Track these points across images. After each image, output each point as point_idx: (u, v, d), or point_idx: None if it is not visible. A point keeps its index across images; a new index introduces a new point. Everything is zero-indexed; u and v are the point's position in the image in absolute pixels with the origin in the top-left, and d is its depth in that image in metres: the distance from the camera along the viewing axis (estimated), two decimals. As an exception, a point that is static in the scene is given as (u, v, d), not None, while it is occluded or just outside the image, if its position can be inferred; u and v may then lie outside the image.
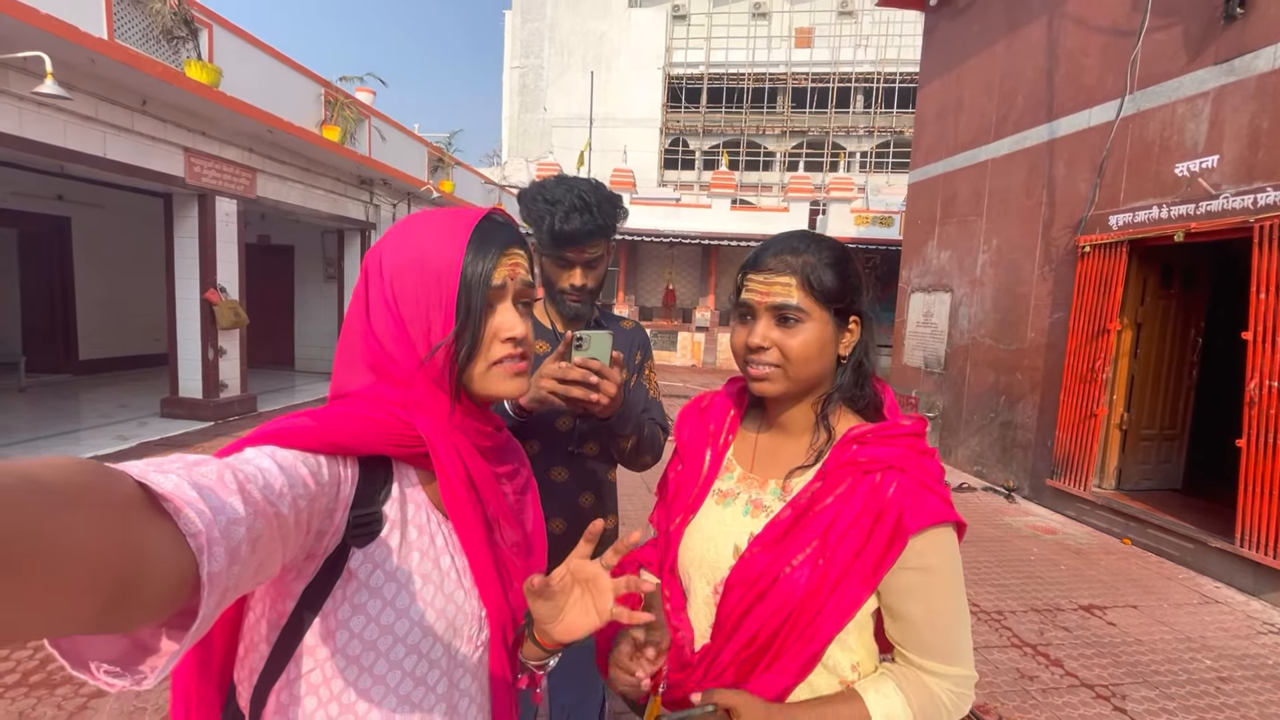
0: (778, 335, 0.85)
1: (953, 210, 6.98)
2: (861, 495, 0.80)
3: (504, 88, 23.11)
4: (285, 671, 0.64)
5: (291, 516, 0.52)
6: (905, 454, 0.82)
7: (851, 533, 0.79)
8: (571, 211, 1.26)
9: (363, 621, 0.64)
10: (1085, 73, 5.28)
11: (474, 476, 0.72)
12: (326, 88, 8.14)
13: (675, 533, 0.95)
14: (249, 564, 0.44)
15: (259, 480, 0.50)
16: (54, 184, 8.12)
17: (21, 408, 7.00)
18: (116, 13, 5.27)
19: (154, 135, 5.89)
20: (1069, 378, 5.22)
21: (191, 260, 6.61)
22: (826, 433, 0.87)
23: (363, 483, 0.65)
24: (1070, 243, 5.34)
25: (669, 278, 15.96)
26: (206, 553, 0.39)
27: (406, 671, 0.67)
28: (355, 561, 0.64)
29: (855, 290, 0.87)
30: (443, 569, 0.69)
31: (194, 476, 0.42)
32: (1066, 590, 3.84)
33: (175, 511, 0.38)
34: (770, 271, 0.85)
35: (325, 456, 0.61)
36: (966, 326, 6.68)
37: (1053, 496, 5.44)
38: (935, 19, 7.39)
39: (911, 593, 0.79)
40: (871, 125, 20.34)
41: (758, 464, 0.93)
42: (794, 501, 0.84)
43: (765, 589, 0.81)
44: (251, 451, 0.55)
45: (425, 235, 0.72)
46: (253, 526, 0.45)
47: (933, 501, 0.78)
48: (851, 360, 0.89)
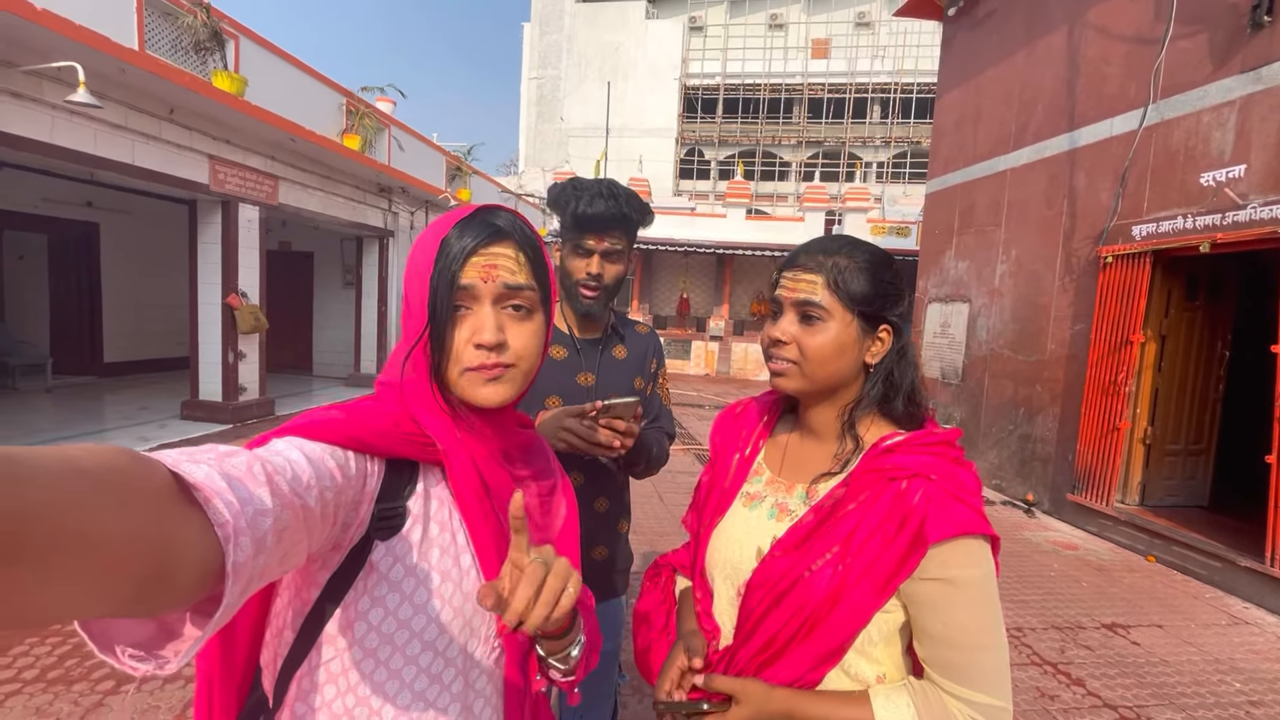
0: (798, 331, 0.85)
1: (971, 220, 6.91)
2: (886, 502, 0.78)
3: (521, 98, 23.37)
4: (308, 658, 0.64)
5: (318, 509, 0.53)
6: (935, 462, 0.79)
7: (874, 539, 0.78)
8: (596, 197, 1.30)
9: (381, 614, 0.64)
10: (1107, 82, 5.22)
11: (488, 481, 0.71)
12: (348, 97, 8.28)
13: (704, 535, 0.96)
14: (274, 554, 0.45)
15: (287, 472, 0.51)
16: (84, 190, 8.33)
17: (48, 408, 7.15)
18: (148, 24, 5.41)
19: (180, 143, 6.02)
20: (1091, 390, 5.13)
21: (214, 266, 6.73)
22: (853, 441, 0.85)
23: (388, 476, 0.66)
24: (1092, 253, 5.25)
25: (684, 287, 15.97)
26: (233, 542, 0.40)
27: (422, 668, 0.66)
28: (377, 554, 0.64)
29: (888, 298, 0.85)
30: (463, 567, 0.69)
31: (225, 467, 0.43)
32: (1088, 608, 3.75)
33: (205, 501, 0.39)
34: (800, 268, 0.86)
35: (353, 450, 0.62)
36: (985, 337, 6.59)
37: (1074, 511, 5.33)
38: (953, 29, 7.36)
39: (932, 605, 0.76)
40: (888, 135, 20.25)
41: (786, 468, 0.93)
42: (817, 506, 0.84)
43: (784, 591, 0.81)
44: (281, 444, 0.56)
45: (421, 240, 0.72)
46: (279, 518, 0.46)
47: (960, 511, 0.75)
48: (881, 370, 0.86)
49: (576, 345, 1.43)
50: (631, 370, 1.49)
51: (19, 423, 6.30)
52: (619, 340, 1.49)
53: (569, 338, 1.43)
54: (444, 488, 0.71)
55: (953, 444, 0.83)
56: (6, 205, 8.03)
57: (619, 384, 1.46)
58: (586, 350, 1.44)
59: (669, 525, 4.64)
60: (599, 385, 1.43)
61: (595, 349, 1.45)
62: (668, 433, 1.58)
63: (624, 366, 1.48)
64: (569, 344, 1.43)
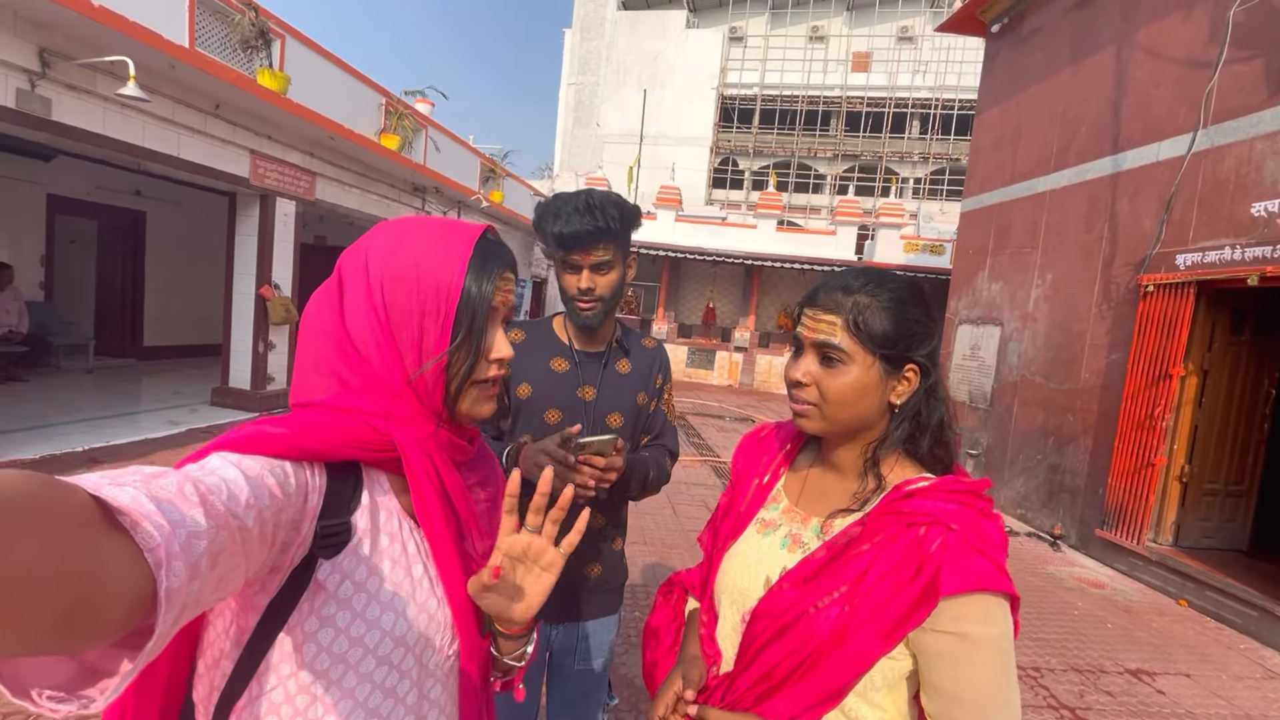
0: (818, 373, 0.83)
1: (1006, 241, 6.74)
2: (902, 547, 0.76)
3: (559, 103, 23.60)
4: (248, 689, 0.61)
5: (256, 529, 0.51)
6: (959, 511, 0.76)
7: (884, 583, 0.75)
8: (573, 214, 1.28)
9: (331, 634, 0.62)
10: (1155, 104, 5.05)
11: (447, 485, 0.70)
12: (387, 98, 8.45)
13: (716, 557, 0.96)
14: (209, 579, 0.43)
15: (222, 492, 0.48)
16: (133, 180, 8.66)
17: (88, 388, 7.42)
18: (199, 22, 5.60)
19: (224, 138, 6.21)
20: (1125, 423, 4.93)
21: (250, 257, 6.92)
22: (875, 480, 0.83)
23: (331, 492, 0.63)
24: (1132, 281, 5.07)
25: (710, 296, 15.90)
26: (165, 567, 0.38)
27: (376, 684, 0.65)
28: (323, 573, 0.62)
29: (914, 338, 0.82)
30: (415, 577, 0.68)
31: (152, 489, 0.41)
32: (1112, 651, 3.59)
33: (132, 525, 0.37)
34: (820, 307, 0.84)
35: (293, 465, 0.59)
36: (1016, 362, 6.41)
37: (1102, 548, 5.12)
38: (996, 46, 7.21)
39: (941, 659, 0.73)
40: (927, 151, 19.93)
41: (804, 499, 0.92)
42: (830, 543, 0.82)
43: (788, 624, 0.79)
44: (217, 460, 0.54)
45: (423, 244, 0.70)
46: (214, 540, 0.44)
47: (980, 565, 0.72)
48: (907, 411, 0.84)
49: (577, 358, 1.41)
50: (635, 385, 1.46)
51: (60, 401, 6.54)
52: (623, 354, 1.47)
53: (569, 350, 1.41)
54: (392, 498, 0.69)
55: (980, 494, 0.80)
56: (62, 191, 8.39)
57: (621, 399, 1.44)
58: (588, 364, 1.42)
59: (679, 538, 4.59)
60: (600, 399, 1.41)
61: (597, 362, 1.43)
62: (670, 451, 1.56)
63: (627, 381, 1.45)
64: (569, 357, 1.41)
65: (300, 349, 0.70)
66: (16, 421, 5.54)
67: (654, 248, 14.24)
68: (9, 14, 4.31)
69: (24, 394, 6.64)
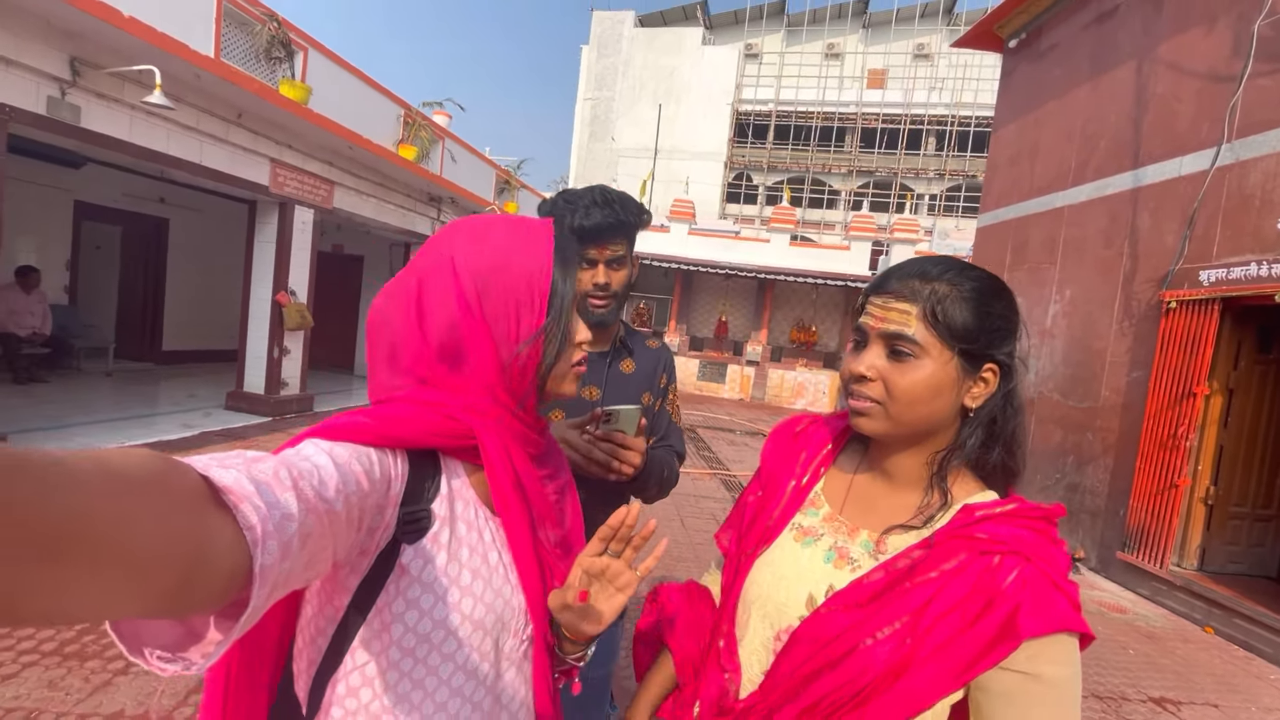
0: (885, 367, 0.75)
1: (1024, 257, 6.66)
2: (973, 576, 0.68)
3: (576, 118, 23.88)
4: (342, 664, 0.66)
5: (344, 513, 0.54)
6: (1035, 540, 0.69)
7: (951, 617, 0.68)
8: (592, 206, 1.25)
9: (416, 615, 0.66)
10: (1177, 119, 4.98)
11: (521, 475, 0.73)
12: (406, 109, 8.58)
13: (745, 563, 0.86)
14: (299, 559, 0.46)
15: (314, 478, 0.51)
16: (158, 187, 8.84)
17: (107, 390, 7.53)
18: (224, 34, 5.73)
19: (245, 146, 6.33)
20: (1147, 443, 4.81)
21: (268, 264, 7.02)
22: (941, 496, 0.75)
23: (412, 479, 0.67)
24: (1154, 297, 4.97)
25: (723, 310, 15.87)
26: (260, 546, 0.41)
27: (458, 664, 0.68)
28: (407, 557, 0.66)
29: (997, 333, 0.74)
30: (491, 564, 0.71)
31: (252, 472, 0.44)
32: (1134, 678, 3.46)
33: (234, 505, 0.40)
34: (891, 295, 0.76)
35: (378, 452, 0.62)
36: (1033, 379, 6.30)
37: (1123, 571, 4.98)
38: (1014, 61, 7.17)
39: (1009, 699, 0.67)
40: (943, 168, 19.87)
41: (849, 507, 0.83)
42: (889, 564, 0.73)
43: (838, 657, 0.71)
44: (310, 448, 0.57)
45: (509, 239, 0.74)
46: (304, 523, 0.46)
47: (1059, 604, 0.66)
48: (983, 416, 0.75)
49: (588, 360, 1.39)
50: (640, 385, 1.45)
51: (80, 402, 6.64)
52: (627, 354, 1.45)
53: None
54: (468, 487, 0.72)
55: (1053, 521, 0.73)
56: (89, 198, 8.59)
57: (626, 398, 1.41)
58: (593, 362, 1.40)
59: (687, 550, 4.53)
60: (605, 399, 1.39)
61: (602, 361, 1.41)
62: (678, 452, 1.53)
63: (632, 380, 1.44)
64: None
65: (372, 351, 0.73)
66: (38, 421, 5.63)
67: (667, 260, 14.26)
68: (42, 23, 4.44)
69: (45, 395, 6.75)
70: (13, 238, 7.66)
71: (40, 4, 4.22)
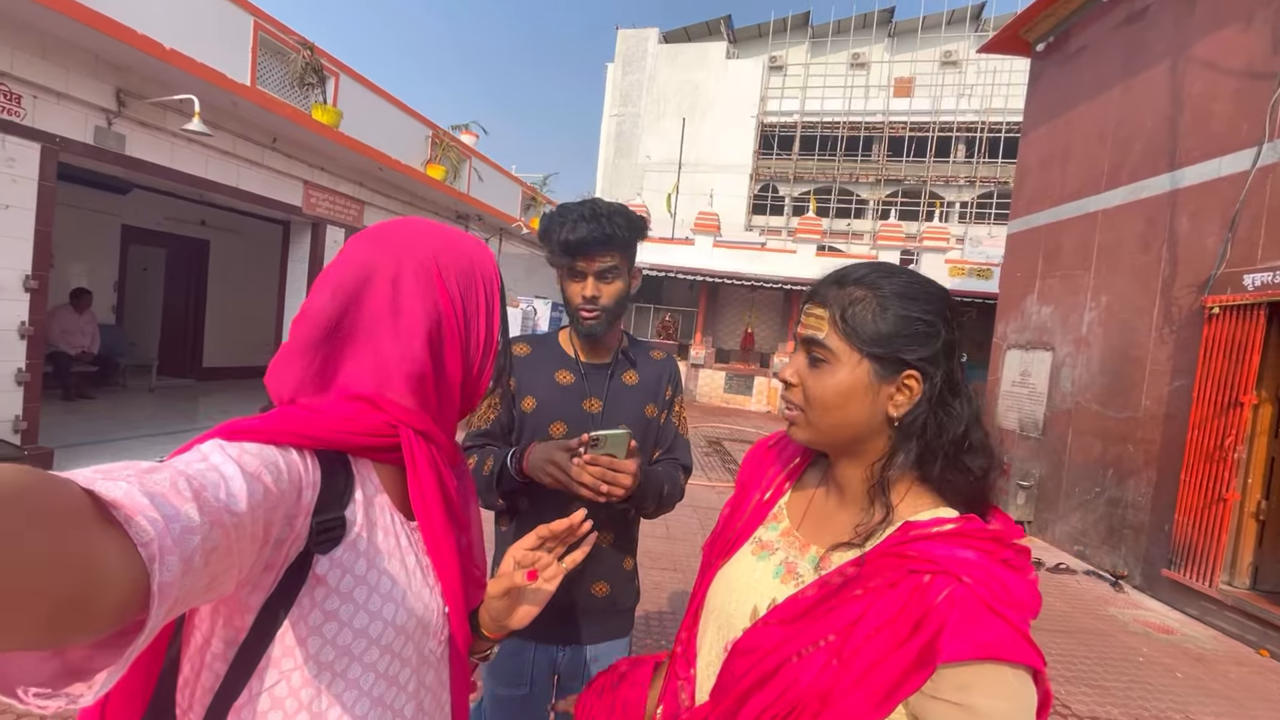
0: (805, 373, 0.75)
1: (1056, 263, 6.47)
2: (902, 596, 0.64)
3: (601, 133, 24.15)
4: (247, 688, 0.61)
5: (249, 525, 0.51)
6: (975, 562, 0.64)
7: (878, 638, 0.64)
8: (579, 220, 1.27)
9: (335, 627, 0.63)
10: (1214, 119, 4.80)
11: (444, 479, 0.73)
12: (434, 130, 8.81)
13: (708, 573, 0.88)
14: (202, 575, 0.43)
15: (219, 488, 0.48)
16: (199, 211, 9.22)
17: (150, 406, 7.81)
18: (260, 62, 5.98)
19: (280, 169, 6.57)
20: (1192, 454, 4.60)
21: (301, 282, 7.24)
22: (883, 511, 0.72)
23: (325, 487, 0.63)
24: (1195, 303, 4.77)
25: (749, 321, 15.77)
26: (159, 561, 0.38)
27: (380, 673, 0.66)
28: (322, 568, 0.63)
29: (914, 338, 0.71)
30: (409, 569, 0.70)
31: (146, 484, 0.41)
32: (1182, 703, 3.28)
33: (126, 519, 0.37)
34: (815, 301, 0.76)
35: (287, 458, 0.59)
36: (1069, 389, 6.09)
37: (1169, 589, 4.75)
38: (1042, 65, 7.03)
39: None
40: (973, 175, 19.49)
41: (806, 523, 0.82)
42: (823, 580, 0.72)
43: (770, 671, 0.69)
44: (216, 454, 0.53)
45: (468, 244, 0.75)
46: (208, 536, 0.43)
47: (993, 628, 0.60)
48: (910, 427, 0.72)
49: (582, 370, 1.39)
50: (643, 397, 1.43)
51: (123, 418, 6.91)
52: (629, 365, 1.44)
53: (574, 362, 1.39)
54: (383, 494, 0.70)
55: (1006, 542, 0.67)
56: (136, 222, 9.00)
57: (628, 411, 1.40)
58: (593, 375, 1.40)
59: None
60: (606, 412, 1.38)
61: (603, 374, 1.40)
62: (683, 465, 1.51)
63: (634, 392, 1.42)
64: (574, 369, 1.39)
65: (295, 343, 0.69)
66: (84, 436, 5.87)
67: (692, 273, 14.26)
68: (91, 58, 4.70)
69: (91, 411, 7.04)
70: (65, 261, 8.06)
71: (90, 40, 4.47)
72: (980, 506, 0.73)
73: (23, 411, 4.58)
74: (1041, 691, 0.63)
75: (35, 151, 4.51)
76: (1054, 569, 5.34)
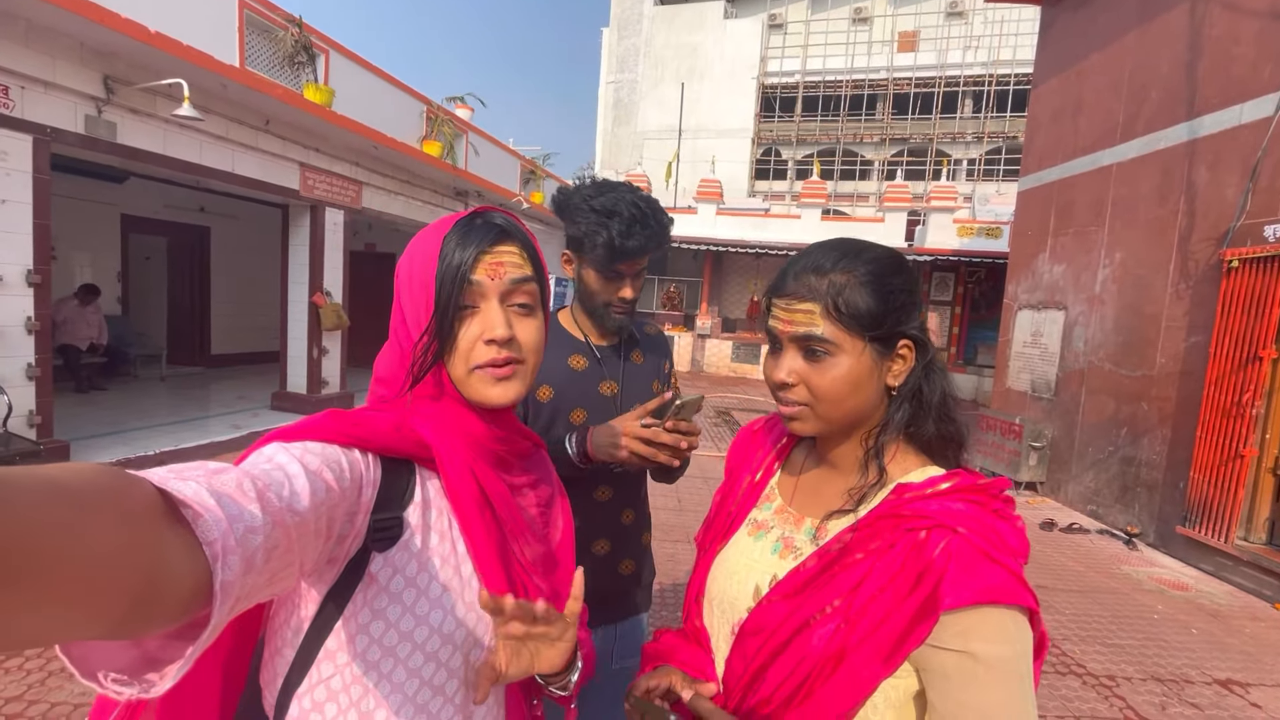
0: (804, 370, 0.74)
1: (1069, 220, 6.33)
2: (901, 554, 0.67)
3: (599, 102, 23.67)
4: (308, 676, 0.63)
5: (312, 522, 0.52)
6: (967, 512, 0.67)
7: (882, 596, 0.67)
8: (632, 224, 1.20)
9: (382, 627, 0.64)
10: (1235, 63, 4.62)
11: (487, 490, 0.70)
12: (428, 105, 8.63)
13: (705, 559, 0.89)
14: (263, 573, 0.45)
15: (282, 487, 0.50)
16: (197, 197, 9.14)
17: (161, 395, 7.88)
18: (248, 42, 5.83)
19: (275, 152, 6.46)
20: (1208, 411, 4.55)
21: (302, 266, 7.19)
22: (877, 473, 0.75)
23: (385, 485, 0.65)
24: (1213, 256, 4.67)
25: (754, 289, 15.64)
26: (221, 561, 0.39)
27: (425, 680, 0.66)
28: (376, 565, 0.64)
29: (902, 310, 0.74)
30: (463, 576, 0.69)
31: (213, 484, 0.42)
32: (1198, 659, 3.30)
33: (193, 518, 0.39)
34: (792, 296, 0.75)
35: (348, 458, 0.60)
36: (1082, 348, 6.02)
37: (1184, 546, 4.75)
38: (1053, 13, 6.77)
39: (946, 680, 0.64)
40: (981, 131, 19.02)
41: (798, 498, 0.84)
42: (822, 550, 0.74)
43: (780, 646, 0.72)
44: (280, 454, 0.55)
45: (419, 238, 0.73)
46: (270, 535, 0.45)
47: (990, 573, 0.63)
48: (906, 392, 0.76)
49: (597, 354, 1.36)
50: (650, 374, 1.43)
51: (136, 408, 6.97)
52: (636, 344, 1.43)
53: (585, 345, 1.36)
54: (442, 496, 0.70)
55: (995, 494, 0.71)
56: (135, 211, 8.94)
57: (641, 390, 1.39)
58: (608, 358, 1.38)
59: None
60: (623, 393, 1.37)
61: (616, 356, 1.38)
62: None
63: (643, 371, 1.42)
64: (588, 353, 1.36)
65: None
66: (99, 427, 5.93)
67: (695, 242, 14.10)
68: (75, 44, 4.59)
69: (104, 402, 7.10)
70: (68, 253, 8.04)
71: (74, 26, 4.36)
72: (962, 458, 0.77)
73: (36, 406, 4.61)
74: (1038, 634, 0.66)
75: (27, 144, 4.44)
76: (1067, 529, 5.34)
